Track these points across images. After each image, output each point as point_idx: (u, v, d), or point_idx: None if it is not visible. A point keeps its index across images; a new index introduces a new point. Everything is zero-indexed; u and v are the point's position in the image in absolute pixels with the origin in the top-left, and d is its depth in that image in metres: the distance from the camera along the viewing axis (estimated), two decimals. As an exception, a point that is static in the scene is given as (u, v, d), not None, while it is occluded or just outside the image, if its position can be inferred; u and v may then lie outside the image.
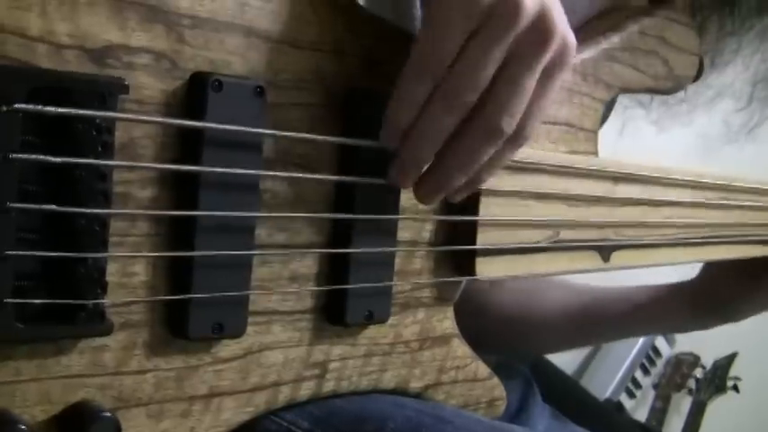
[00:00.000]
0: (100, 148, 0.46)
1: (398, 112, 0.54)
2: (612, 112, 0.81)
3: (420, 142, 0.55)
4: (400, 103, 0.54)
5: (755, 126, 0.92)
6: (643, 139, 0.94)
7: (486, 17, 0.51)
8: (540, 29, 0.53)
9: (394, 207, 0.61)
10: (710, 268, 0.95)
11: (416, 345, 0.65)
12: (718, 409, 2.16)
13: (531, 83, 0.54)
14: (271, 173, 0.53)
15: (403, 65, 0.57)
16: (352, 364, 0.62)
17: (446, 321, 0.67)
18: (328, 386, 0.61)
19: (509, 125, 0.55)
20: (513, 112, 0.55)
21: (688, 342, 2.20)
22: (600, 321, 0.95)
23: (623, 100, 0.80)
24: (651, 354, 2.20)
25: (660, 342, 2.21)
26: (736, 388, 2.17)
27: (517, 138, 0.57)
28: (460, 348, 0.69)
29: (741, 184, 0.88)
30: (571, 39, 0.55)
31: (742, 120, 0.92)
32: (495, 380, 0.72)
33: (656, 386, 2.18)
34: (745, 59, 0.88)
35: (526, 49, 0.53)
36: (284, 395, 0.58)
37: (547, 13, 0.53)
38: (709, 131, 0.95)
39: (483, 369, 0.71)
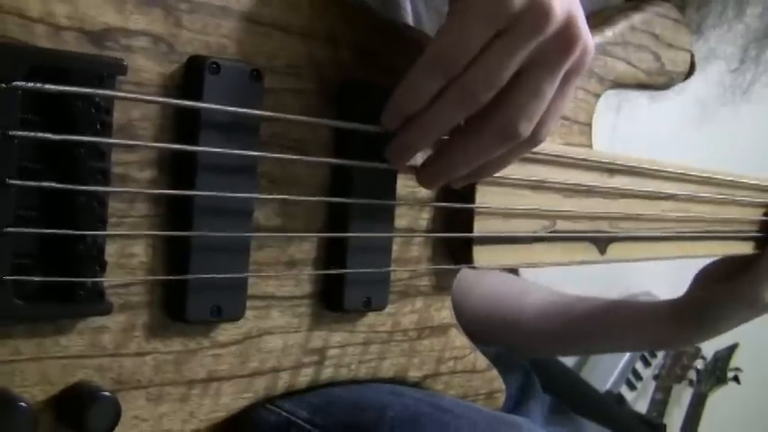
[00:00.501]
0: (98, 127, 0.47)
1: (406, 98, 0.55)
2: (607, 94, 0.82)
3: (424, 130, 0.55)
4: (410, 90, 0.54)
5: (750, 85, 0.93)
6: (639, 113, 0.95)
7: (514, 20, 0.51)
8: (566, 36, 0.53)
9: (391, 194, 0.61)
10: (697, 285, 0.95)
11: (415, 334, 0.65)
12: (719, 401, 2.15)
13: (552, 88, 0.55)
14: (268, 155, 0.54)
15: (396, 56, 0.58)
16: (350, 351, 0.62)
17: (444, 311, 0.67)
18: (327, 373, 0.61)
19: (526, 129, 0.55)
20: (532, 117, 0.55)
21: (688, 334, 2.19)
22: (584, 327, 0.94)
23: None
24: (652, 345, 2.19)
25: (661, 333, 2.20)
26: (736, 379, 2.16)
27: (531, 140, 0.57)
28: (459, 339, 0.69)
29: (740, 180, 0.89)
30: (591, 44, 0.55)
31: (736, 81, 0.93)
32: (494, 372, 0.72)
33: (656, 378, 2.17)
34: (730, 23, 0.89)
35: (551, 55, 0.53)
36: (283, 381, 0.58)
37: (573, 21, 0.53)
38: (704, 96, 0.95)
39: (482, 360, 0.71)
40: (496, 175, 0.66)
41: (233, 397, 0.56)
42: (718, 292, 0.91)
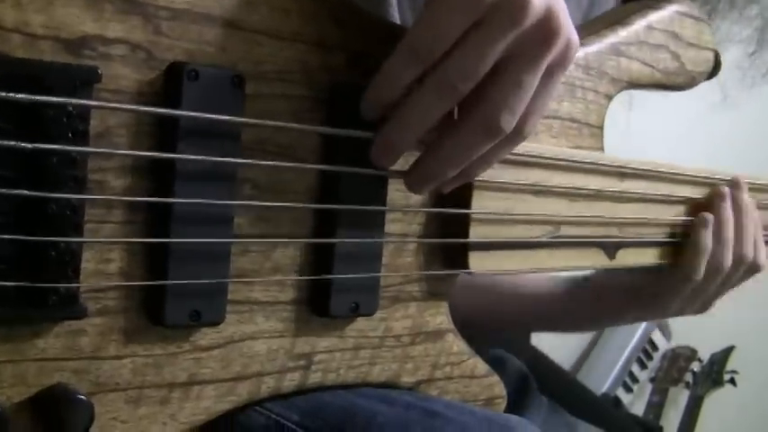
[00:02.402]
0: (71, 135, 0.47)
1: (380, 87, 0.55)
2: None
3: (403, 123, 0.55)
4: (384, 78, 0.55)
5: None
6: (654, 104, 0.93)
7: (492, 10, 0.51)
8: (546, 28, 0.53)
9: (381, 199, 0.61)
10: None
11: (408, 339, 0.65)
12: (716, 403, 2.14)
13: (533, 81, 0.54)
14: (245, 161, 0.54)
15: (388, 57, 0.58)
16: (339, 356, 0.62)
17: (439, 316, 0.67)
18: (314, 378, 0.61)
19: (509, 123, 0.55)
20: (515, 110, 0.54)
21: (685, 336, 2.18)
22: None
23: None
24: (648, 348, 2.18)
25: (657, 336, 2.20)
26: (733, 381, 2.15)
27: (515, 136, 0.57)
28: (456, 344, 0.68)
29: (753, 182, 0.86)
30: (575, 39, 0.55)
31: (754, 64, 0.90)
32: (495, 377, 0.71)
33: (653, 380, 2.17)
34: (742, 5, 0.87)
35: (530, 47, 0.53)
36: (268, 386, 0.59)
37: (553, 13, 0.53)
38: (725, 82, 0.93)
39: (481, 366, 0.70)
40: (495, 180, 0.65)
41: (215, 400, 0.56)
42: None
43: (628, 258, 0.76)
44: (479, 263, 0.66)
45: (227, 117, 0.52)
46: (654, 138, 0.81)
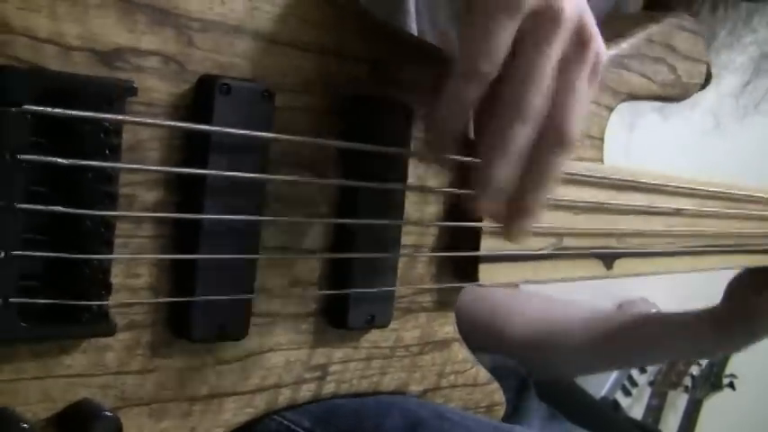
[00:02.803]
0: (107, 151, 0.46)
1: (451, 115, 0.52)
2: (620, 110, 0.81)
3: (498, 160, 0.52)
4: (452, 106, 0.52)
5: (762, 99, 0.92)
6: (653, 129, 0.95)
7: (530, 19, 0.50)
8: (582, 34, 0.52)
9: (398, 213, 0.61)
10: (732, 290, 0.96)
11: (417, 349, 0.66)
12: (715, 407, 2.17)
13: (585, 86, 0.53)
14: (275, 177, 0.53)
15: (410, 69, 0.58)
16: (353, 367, 0.62)
17: (447, 326, 0.67)
18: (329, 388, 0.61)
19: (576, 130, 0.53)
20: (576, 116, 0.53)
21: (684, 339, 2.21)
22: (622, 341, 0.96)
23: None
24: (647, 351, 2.21)
25: (656, 339, 2.22)
26: (732, 385, 2.18)
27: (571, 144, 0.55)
28: (461, 353, 0.69)
29: (747, 193, 0.88)
30: (603, 47, 0.55)
31: (749, 94, 0.92)
32: (495, 385, 0.72)
33: (652, 384, 2.18)
34: (740, 34, 0.89)
35: (574, 54, 0.52)
36: (284, 397, 0.59)
37: (587, 20, 0.53)
38: (718, 110, 0.95)
39: (483, 374, 0.71)
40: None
41: (234, 413, 0.56)
42: (759, 304, 0.93)
43: (624, 268, 0.78)
44: (488, 275, 0.66)
45: (262, 134, 0.52)
46: (654, 158, 0.83)
